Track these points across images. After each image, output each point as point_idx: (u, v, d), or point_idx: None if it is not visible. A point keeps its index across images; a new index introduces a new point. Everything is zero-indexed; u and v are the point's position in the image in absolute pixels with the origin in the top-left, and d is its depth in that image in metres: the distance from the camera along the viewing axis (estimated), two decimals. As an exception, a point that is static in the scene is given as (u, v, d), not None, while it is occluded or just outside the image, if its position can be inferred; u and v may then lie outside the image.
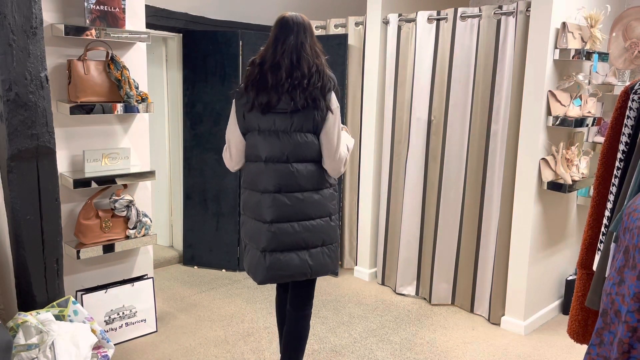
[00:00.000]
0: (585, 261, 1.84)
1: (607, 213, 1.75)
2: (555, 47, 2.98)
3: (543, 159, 3.08)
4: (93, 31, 2.61)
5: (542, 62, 2.98)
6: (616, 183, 1.71)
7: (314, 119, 2.13)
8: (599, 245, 1.78)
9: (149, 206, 3.08)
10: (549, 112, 3.03)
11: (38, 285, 2.42)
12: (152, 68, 3.98)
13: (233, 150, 2.28)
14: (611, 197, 1.73)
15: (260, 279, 2.22)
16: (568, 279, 3.54)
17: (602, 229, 1.77)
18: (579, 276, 1.87)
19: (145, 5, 2.98)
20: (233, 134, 2.25)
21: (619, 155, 1.71)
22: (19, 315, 2.28)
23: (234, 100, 2.25)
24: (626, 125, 1.69)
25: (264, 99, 2.13)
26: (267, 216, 2.17)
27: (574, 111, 3.11)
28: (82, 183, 2.67)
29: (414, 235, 3.69)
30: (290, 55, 2.11)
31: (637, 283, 1.10)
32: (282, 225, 2.17)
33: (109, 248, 2.80)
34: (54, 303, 2.44)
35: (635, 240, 1.12)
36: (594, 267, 1.78)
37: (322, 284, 3.89)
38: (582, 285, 1.85)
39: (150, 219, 2.97)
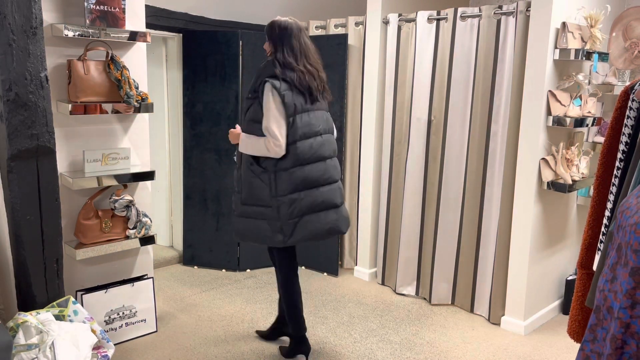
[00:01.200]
0: (585, 261, 1.85)
1: (607, 213, 1.75)
2: (555, 47, 2.98)
3: (543, 159, 3.08)
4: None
5: (542, 62, 2.98)
6: (616, 183, 1.71)
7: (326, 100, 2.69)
8: (599, 245, 1.78)
9: (149, 206, 3.08)
10: (549, 112, 3.04)
11: (38, 285, 2.42)
12: (152, 68, 3.98)
13: (283, 134, 2.52)
14: (611, 197, 1.73)
15: (325, 232, 2.57)
16: (568, 279, 3.54)
17: (602, 229, 1.77)
18: (579, 276, 1.87)
19: (145, 5, 2.98)
20: (280, 121, 2.49)
21: (619, 155, 1.71)
22: (19, 315, 2.28)
23: (272, 95, 2.45)
24: (626, 125, 1.69)
25: (314, 93, 2.57)
26: (336, 176, 2.64)
27: (574, 111, 3.11)
28: (82, 183, 2.67)
29: (414, 235, 3.69)
30: (314, 55, 2.60)
31: (629, 280, 1.11)
32: (334, 185, 2.63)
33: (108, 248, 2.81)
34: (54, 303, 2.44)
35: (628, 237, 1.13)
36: (594, 267, 1.79)
37: (322, 284, 3.90)
38: (582, 285, 1.85)
39: (150, 219, 2.97)
